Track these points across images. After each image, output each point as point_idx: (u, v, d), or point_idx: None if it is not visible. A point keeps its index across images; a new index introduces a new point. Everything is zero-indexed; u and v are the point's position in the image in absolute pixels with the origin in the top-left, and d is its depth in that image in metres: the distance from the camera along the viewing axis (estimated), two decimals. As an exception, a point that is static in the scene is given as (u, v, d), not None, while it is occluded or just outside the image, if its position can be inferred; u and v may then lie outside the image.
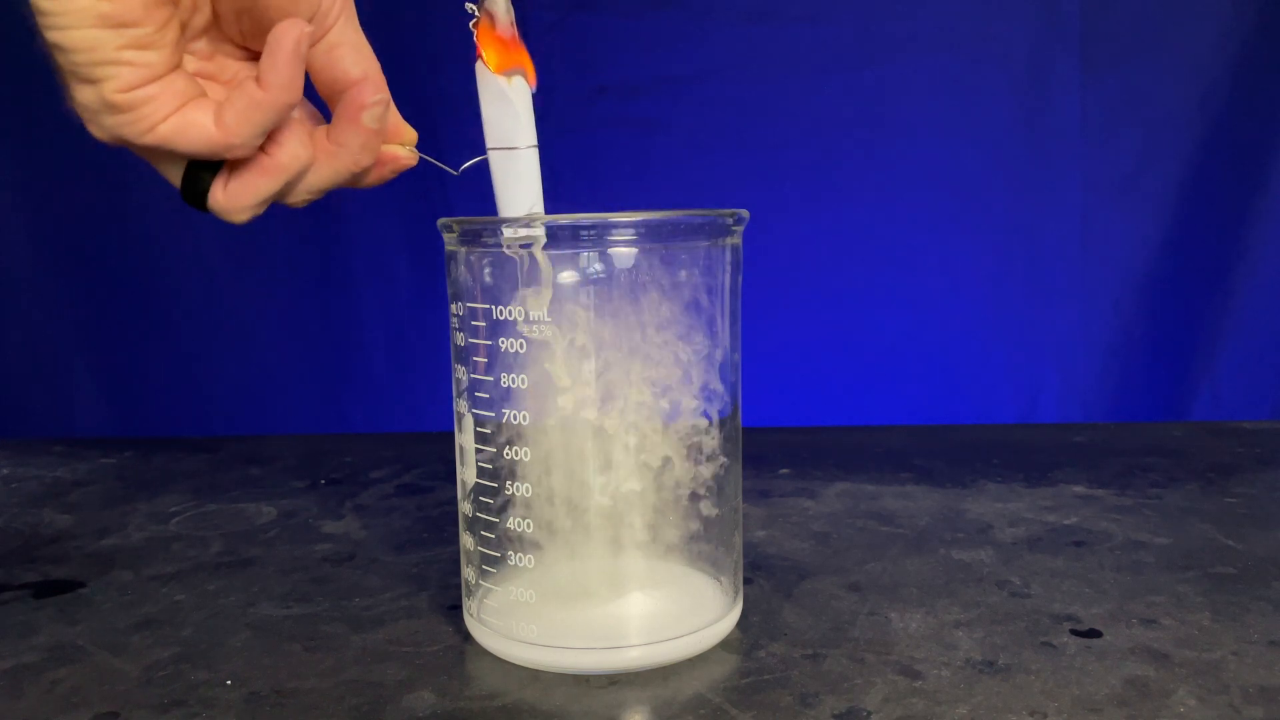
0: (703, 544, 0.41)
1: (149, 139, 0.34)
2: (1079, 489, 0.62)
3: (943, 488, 0.63)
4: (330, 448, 0.76)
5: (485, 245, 0.38)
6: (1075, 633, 0.42)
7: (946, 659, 0.40)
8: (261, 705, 0.37)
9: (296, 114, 0.36)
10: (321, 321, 0.96)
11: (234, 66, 0.37)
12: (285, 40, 0.33)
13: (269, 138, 0.35)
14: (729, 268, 0.40)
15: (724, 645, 0.41)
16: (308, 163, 0.36)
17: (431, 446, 0.75)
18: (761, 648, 0.41)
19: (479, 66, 0.38)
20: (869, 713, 0.36)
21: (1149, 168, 0.90)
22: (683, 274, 0.38)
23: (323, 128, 0.37)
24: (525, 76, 0.38)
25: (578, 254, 0.37)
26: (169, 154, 0.35)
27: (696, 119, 0.89)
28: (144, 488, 0.67)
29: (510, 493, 0.39)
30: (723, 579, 0.42)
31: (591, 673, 0.39)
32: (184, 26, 0.35)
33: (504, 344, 0.38)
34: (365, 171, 0.38)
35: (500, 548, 0.39)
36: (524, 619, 0.39)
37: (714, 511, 0.41)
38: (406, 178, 0.40)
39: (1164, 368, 0.93)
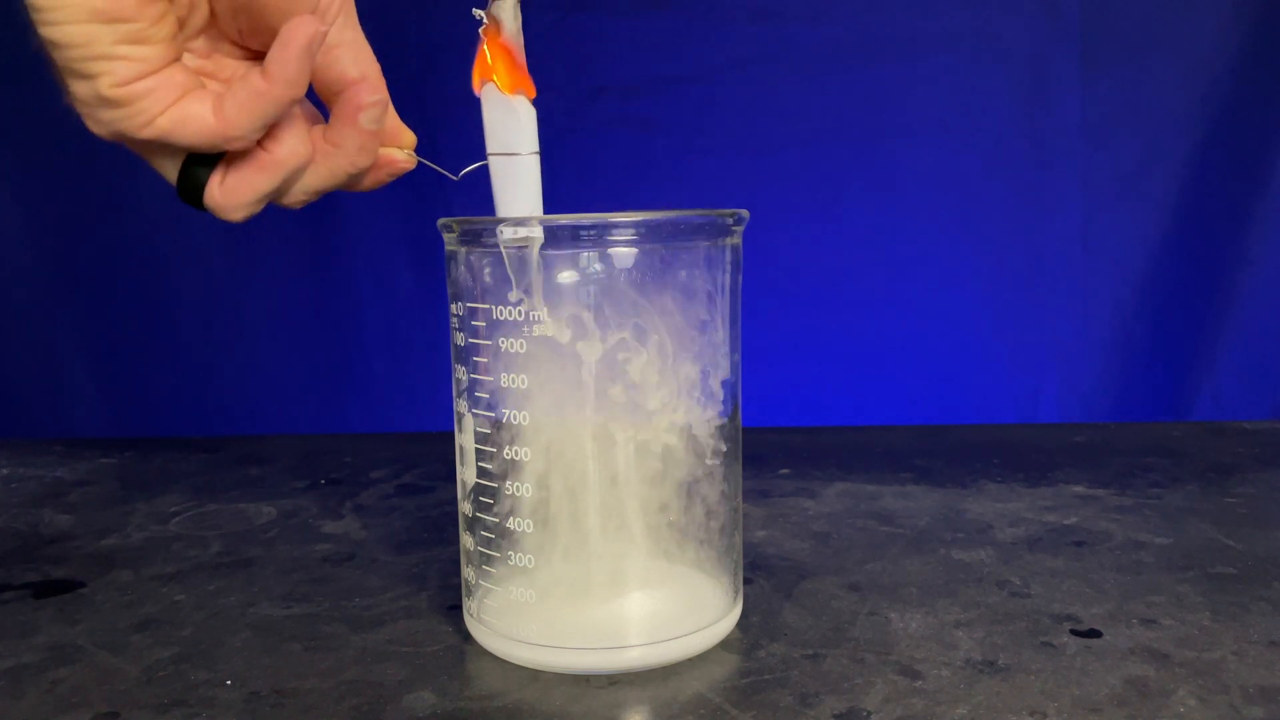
0: (703, 544, 0.41)
1: (147, 132, 0.33)
2: (1079, 489, 0.62)
3: (943, 488, 0.63)
4: (330, 448, 0.76)
5: (485, 245, 0.38)
6: (1075, 633, 0.42)
7: (946, 659, 0.40)
8: (261, 705, 0.37)
9: (296, 111, 0.36)
10: (321, 322, 0.96)
11: (232, 65, 0.37)
12: (298, 35, 0.33)
13: (268, 134, 0.35)
14: (729, 268, 0.40)
15: (724, 645, 0.41)
16: (306, 160, 0.36)
17: (431, 446, 0.75)
18: (761, 648, 0.41)
19: (480, 68, 0.38)
20: (869, 713, 0.36)
21: (1149, 168, 0.90)
22: (683, 274, 0.38)
23: (320, 127, 0.37)
24: (526, 93, 0.38)
25: (578, 254, 0.37)
26: (166, 148, 0.35)
27: (696, 119, 0.89)
28: (144, 488, 0.67)
29: (510, 493, 0.39)
30: (723, 579, 0.41)
31: (591, 673, 0.39)
32: (182, 23, 0.35)
33: (504, 344, 0.38)
34: (362, 174, 0.38)
35: (500, 548, 0.39)
36: (524, 619, 0.39)
37: (714, 511, 0.41)
38: (407, 178, 0.40)
39: (1164, 368, 0.93)
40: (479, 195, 0.41)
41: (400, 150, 0.39)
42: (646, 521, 0.39)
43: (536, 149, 0.38)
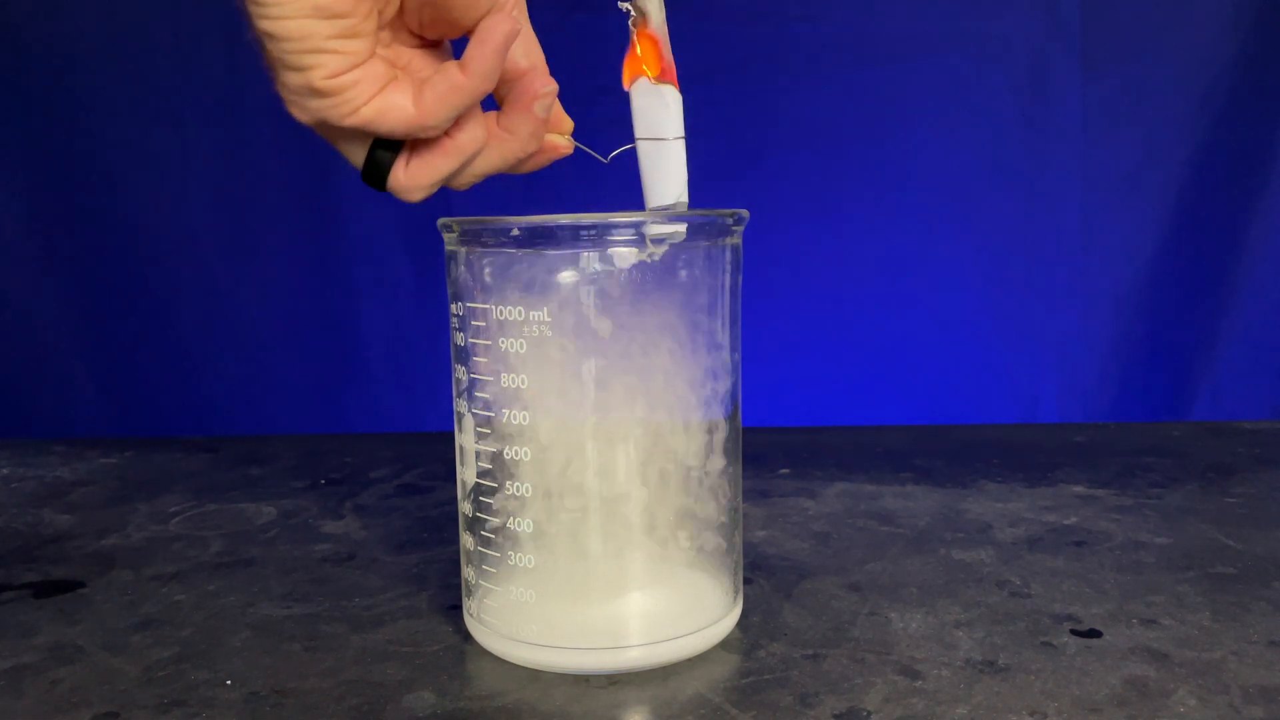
0: (703, 544, 0.41)
1: (351, 121, 0.35)
2: (1079, 489, 0.62)
3: (943, 488, 0.63)
4: (330, 448, 0.76)
5: (485, 245, 0.38)
6: (1075, 633, 0.42)
7: (946, 659, 0.40)
8: (261, 705, 0.37)
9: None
10: (321, 321, 0.96)
11: (408, 54, 0.39)
12: (496, 33, 0.35)
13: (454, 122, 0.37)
14: (729, 268, 0.40)
15: (724, 645, 0.41)
16: (483, 144, 0.38)
17: (431, 446, 0.75)
18: (761, 648, 0.41)
19: (630, 61, 0.39)
20: (869, 713, 0.36)
21: (1149, 168, 0.90)
22: (683, 274, 0.38)
23: (494, 113, 0.38)
24: (672, 83, 0.40)
25: (578, 254, 0.37)
26: (360, 135, 0.37)
27: (696, 119, 0.89)
28: (144, 488, 0.67)
29: (510, 492, 0.39)
30: (723, 579, 0.41)
31: (591, 673, 0.39)
32: (380, 15, 0.36)
33: (504, 344, 0.38)
34: (529, 158, 0.39)
35: (500, 548, 0.39)
36: (524, 619, 0.39)
37: (714, 511, 0.41)
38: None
39: (1164, 368, 0.93)
40: (480, 195, 0.41)
41: (561, 135, 0.41)
42: (646, 521, 0.39)
43: (683, 134, 0.40)
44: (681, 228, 0.37)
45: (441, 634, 0.43)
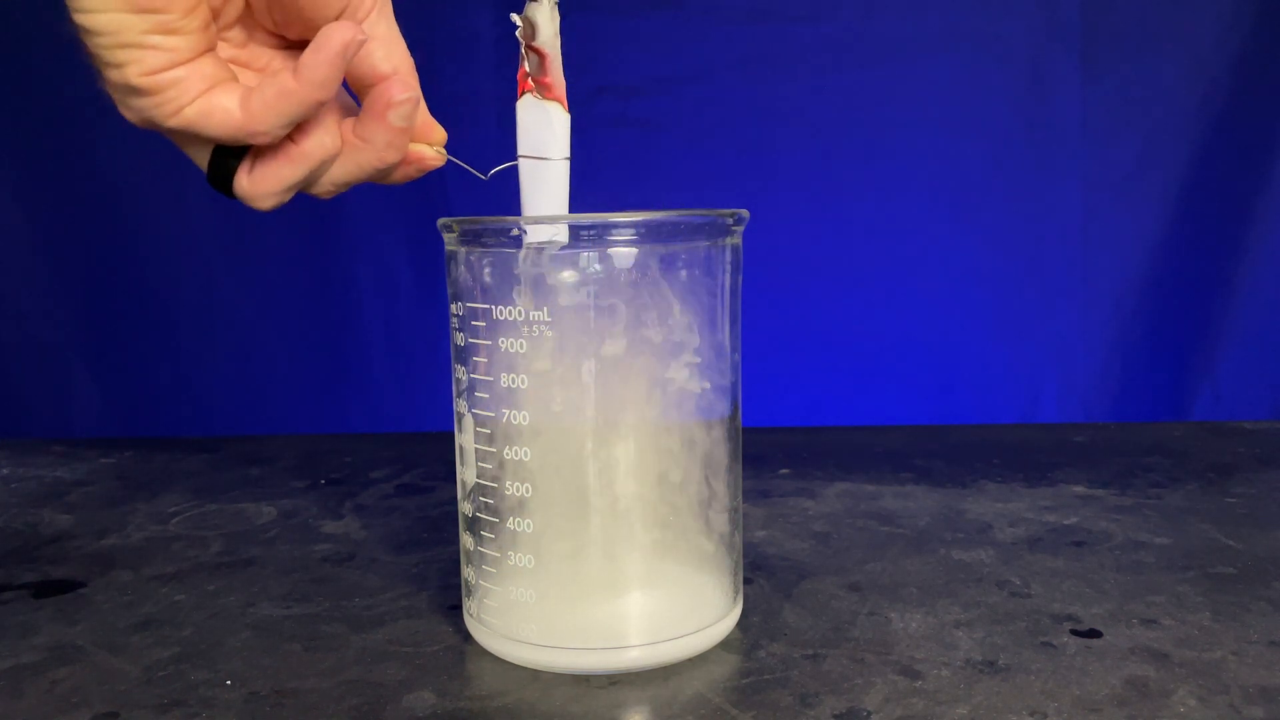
0: (703, 544, 0.41)
1: (174, 122, 0.34)
2: (1079, 489, 0.62)
3: (943, 488, 0.63)
4: (330, 448, 0.76)
5: (485, 245, 0.38)
6: (1075, 633, 0.42)
7: (946, 659, 0.40)
8: (261, 705, 0.37)
9: (328, 103, 0.36)
10: (321, 321, 0.96)
11: (267, 55, 0.38)
12: (334, 40, 0.33)
13: (297, 126, 0.35)
14: (729, 268, 0.40)
15: (724, 645, 0.41)
16: (332, 153, 0.36)
17: (431, 446, 0.75)
18: (762, 648, 0.41)
19: (520, 76, 0.38)
20: (869, 713, 0.36)
21: (1149, 168, 0.90)
22: (683, 274, 0.38)
23: (350, 120, 0.37)
24: (562, 106, 0.38)
25: (578, 254, 0.37)
26: (196, 137, 0.35)
27: (696, 119, 0.89)
28: (144, 488, 0.67)
29: (510, 493, 0.39)
30: (723, 579, 0.41)
31: (591, 673, 0.39)
32: (216, 14, 0.35)
33: (504, 344, 0.38)
34: (391, 168, 0.38)
35: (500, 548, 0.39)
36: (524, 619, 0.39)
37: (714, 511, 0.41)
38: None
39: (1164, 368, 0.93)
40: (479, 195, 0.41)
41: (430, 147, 0.39)
42: (646, 521, 0.39)
43: (568, 155, 0.39)
44: (563, 234, 0.36)
45: (441, 634, 0.43)
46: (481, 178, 0.40)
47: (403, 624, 0.44)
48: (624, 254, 0.37)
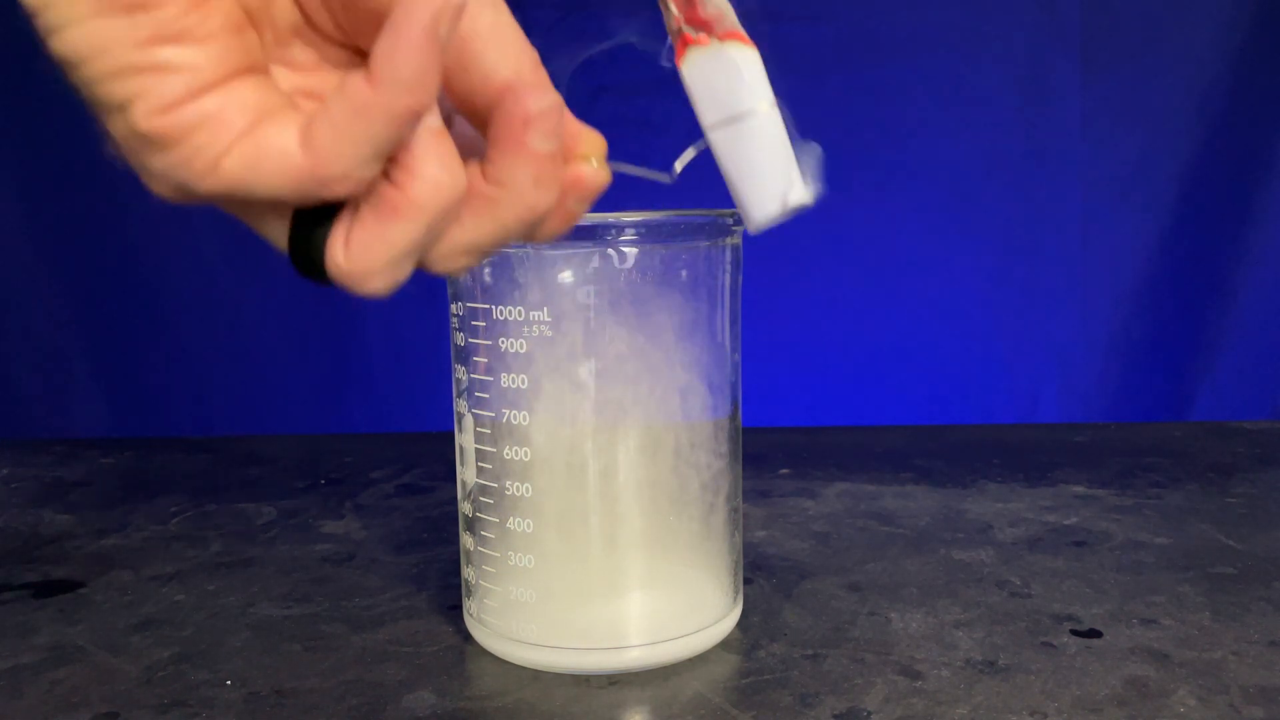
0: (703, 544, 0.41)
1: (211, 183, 0.23)
2: (1079, 489, 0.62)
3: (943, 488, 0.63)
4: (330, 448, 0.76)
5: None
6: (1075, 633, 0.42)
7: (947, 659, 0.40)
8: (261, 705, 0.37)
9: (434, 124, 0.24)
10: (321, 321, 0.96)
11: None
12: (417, 14, 0.22)
13: (396, 163, 0.24)
14: (729, 268, 0.40)
15: (724, 645, 0.41)
16: (453, 192, 0.24)
17: (431, 446, 0.75)
18: (762, 648, 0.41)
19: (672, 29, 0.29)
20: (869, 713, 0.36)
21: (1149, 168, 0.90)
22: (683, 274, 0.38)
23: (475, 163, 0.25)
24: (743, 42, 0.29)
25: (578, 254, 0.37)
26: (253, 203, 0.24)
27: (696, 119, 0.89)
28: (144, 488, 0.67)
29: (510, 493, 0.39)
30: (723, 579, 0.41)
31: (591, 673, 0.39)
32: (255, 19, 0.24)
33: (504, 344, 0.38)
34: (544, 217, 0.26)
35: (500, 548, 0.39)
36: (524, 619, 0.39)
37: (714, 511, 0.41)
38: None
39: (1164, 368, 0.93)
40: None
41: (588, 160, 0.27)
42: (646, 521, 0.39)
43: (774, 100, 0.29)
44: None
45: (441, 634, 0.43)
46: (667, 181, 0.31)
47: (403, 624, 0.44)
48: (624, 254, 0.37)
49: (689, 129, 0.39)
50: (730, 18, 0.28)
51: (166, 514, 0.61)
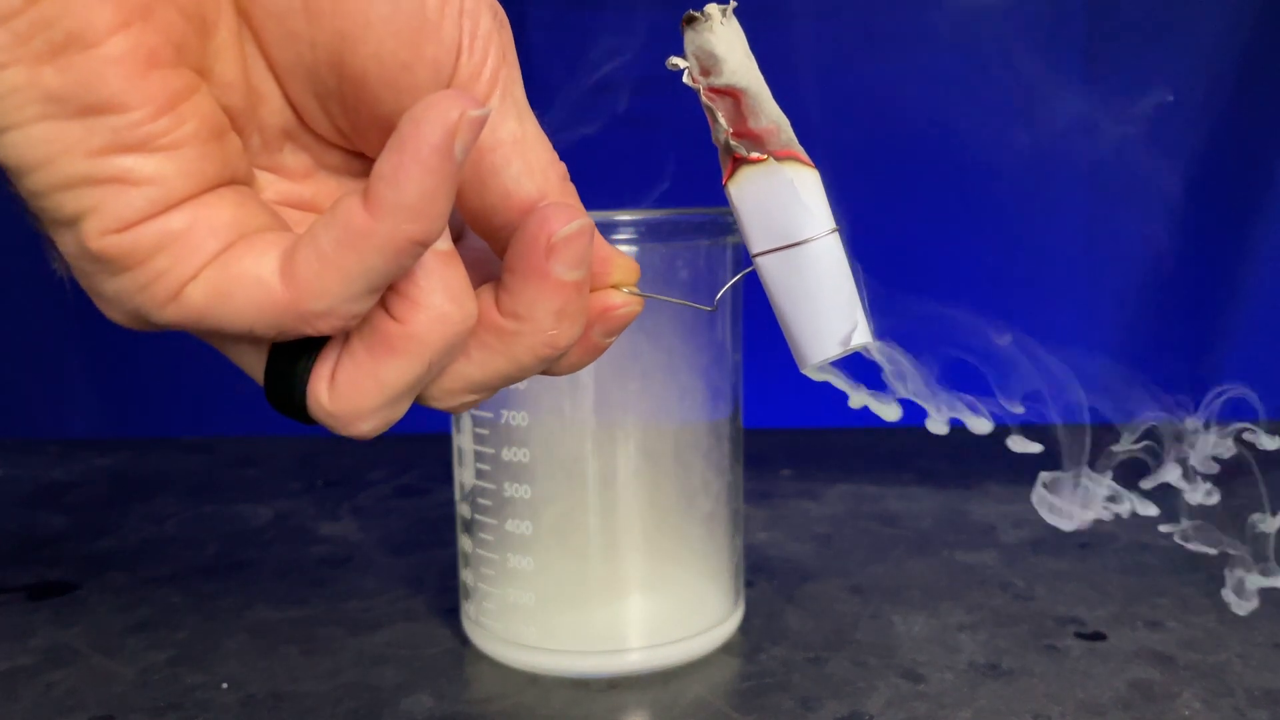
0: (703, 546, 0.40)
1: (173, 313, 0.20)
2: (1081, 490, 0.61)
3: (946, 489, 0.62)
4: (328, 449, 0.76)
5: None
6: (1079, 635, 0.41)
7: (950, 662, 0.39)
8: (258, 708, 0.37)
9: (442, 247, 0.21)
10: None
11: (353, 188, 0.22)
12: (427, 126, 0.18)
13: (394, 290, 0.21)
14: (729, 267, 0.40)
15: (725, 648, 0.41)
16: (462, 327, 0.21)
17: (430, 448, 0.75)
18: (763, 651, 0.41)
19: (720, 145, 0.27)
20: (871, 716, 0.35)
21: (1149, 168, 0.89)
22: (683, 274, 0.38)
23: (488, 290, 0.22)
24: (801, 161, 0.26)
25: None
26: (222, 334, 0.21)
27: (696, 119, 0.89)
28: (140, 489, 0.66)
29: (509, 494, 0.38)
30: (724, 581, 0.41)
31: (591, 677, 0.38)
32: (237, 119, 0.21)
33: (503, 344, 0.37)
34: (563, 354, 0.23)
35: (499, 550, 0.39)
36: (522, 622, 0.39)
37: (715, 513, 0.40)
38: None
39: (1169, 368, 0.92)
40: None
41: (619, 290, 0.24)
42: (646, 523, 0.39)
43: (834, 226, 0.27)
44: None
45: (439, 637, 0.43)
46: (709, 310, 0.28)
47: (400, 627, 0.44)
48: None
49: (689, 129, 0.38)
50: (787, 132, 0.26)
51: (163, 515, 0.60)
